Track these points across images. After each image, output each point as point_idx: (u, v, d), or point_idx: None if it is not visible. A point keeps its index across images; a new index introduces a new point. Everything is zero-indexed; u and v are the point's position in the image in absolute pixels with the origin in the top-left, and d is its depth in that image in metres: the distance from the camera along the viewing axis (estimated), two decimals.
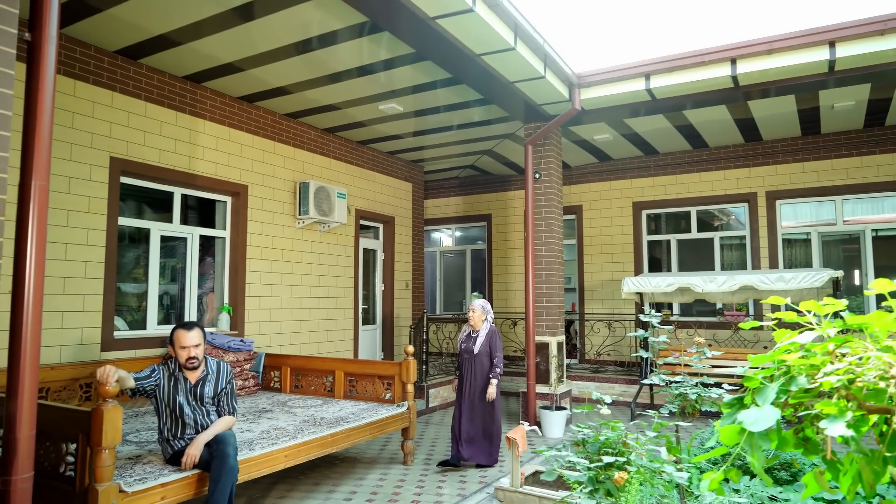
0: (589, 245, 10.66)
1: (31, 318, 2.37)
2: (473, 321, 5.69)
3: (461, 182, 12.08)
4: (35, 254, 2.38)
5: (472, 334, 5.72)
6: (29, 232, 2.38)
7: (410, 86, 6.97)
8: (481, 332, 5.67)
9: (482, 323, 5.72)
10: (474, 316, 5.69)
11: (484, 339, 5.63)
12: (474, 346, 5.65)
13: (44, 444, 3.33)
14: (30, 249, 2.37)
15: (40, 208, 2.41)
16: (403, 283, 10.33)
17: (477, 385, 5.60)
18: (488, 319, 5.76)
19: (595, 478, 2.21)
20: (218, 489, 3.34)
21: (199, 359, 3.64)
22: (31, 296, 2.36)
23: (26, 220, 2.39)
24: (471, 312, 5.72)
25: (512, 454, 4.58)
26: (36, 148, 2.40)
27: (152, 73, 6.32)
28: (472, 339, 5.70)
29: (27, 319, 2.35)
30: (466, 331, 5.79)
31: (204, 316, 7.25)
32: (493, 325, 5.74)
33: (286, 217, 7.90)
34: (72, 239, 5.54)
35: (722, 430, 1.86)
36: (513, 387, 9.69)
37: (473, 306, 5.74)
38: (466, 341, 5.73)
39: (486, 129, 8.75)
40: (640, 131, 8.88)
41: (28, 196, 2.40)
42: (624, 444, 2.52)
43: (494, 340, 5.65)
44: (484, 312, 5.74)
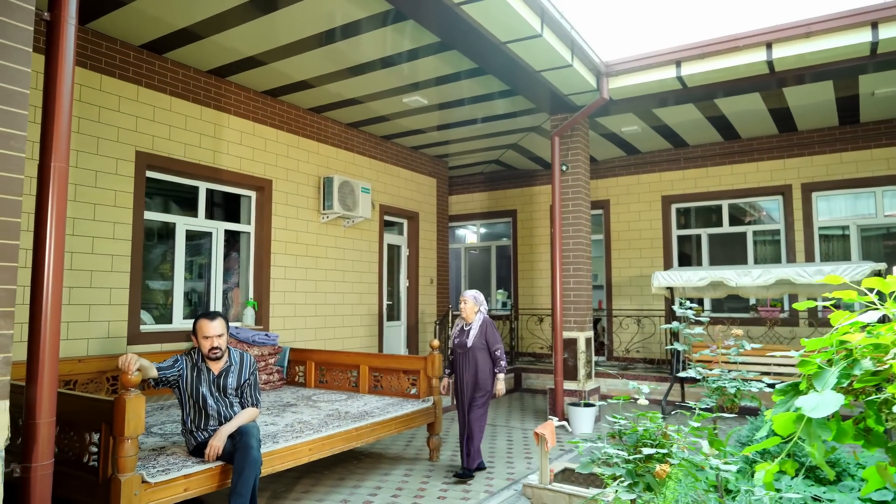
0: (616, 240, 10.45)
1: (51, 300, 2.32)
2: (466, 313, 5.24)
3: (486, 177, 11.95)
4: (55, 234, 2.34)
5: (465, 328, 5.27)
6: (49, 213, 2.34)
7: (434, 77, 6.87)
8: (474, 325, 5.21)
9: (475, 315, 5.26)
10: (466, 308, 5.24)
11: (477, 332, 5.17)
12: (467, 339, 5.18)
13: (67, 433, 3.31)
14: (49, 230, 2.33)
15: (59, 190, 2.36)
16: (428, 279, 10.25)
17: (472, 382, 5.13)
18: (481, 311, 5.31)
19: (634, 471, 2.08)
20: (241, 481, 3.28)
21: (222, 349, 3.59)
22: (51, 278, 2.32)
23: (46, 202, 2.34)
24: (462, 304, 5.27)
25: (541, 450, 4.45)
26: (55, 129, 2.36)
27: (177, 67, 6.32)
28: (465, 332, 5.24)
29: (47, 301, 2.30)
30: (459, 325, 5.34)
31: (229, 311, 7.25)
32: (486, 316, 5.29)
33: (310, 212, 7.87)
34: (98, 233, 5.56)
35: (776, 419, 1.72)
36: (539, 384, 9.54)
37: (465, 297, 5.29)
38: (459, 336, 5.27)
39: (510, 122, 8.61)
40: (670, 123, 8.66)
41: (47, 178, 2.35)
42: (664, 435, 2.37)
43: (489, 331, 5.20)
44: (476, 303, 5.28)
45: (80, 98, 5.49)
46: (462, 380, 5.18)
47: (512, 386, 9.62)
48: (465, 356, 5.17)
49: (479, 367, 5.13)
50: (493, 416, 7.72)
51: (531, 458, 5.70)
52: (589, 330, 7.42)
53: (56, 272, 2.33)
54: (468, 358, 5.16)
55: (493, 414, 7.84)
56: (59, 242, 2.36)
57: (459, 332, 5.29)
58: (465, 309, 5.23)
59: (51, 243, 2.32)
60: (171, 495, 3.20)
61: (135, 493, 2.98)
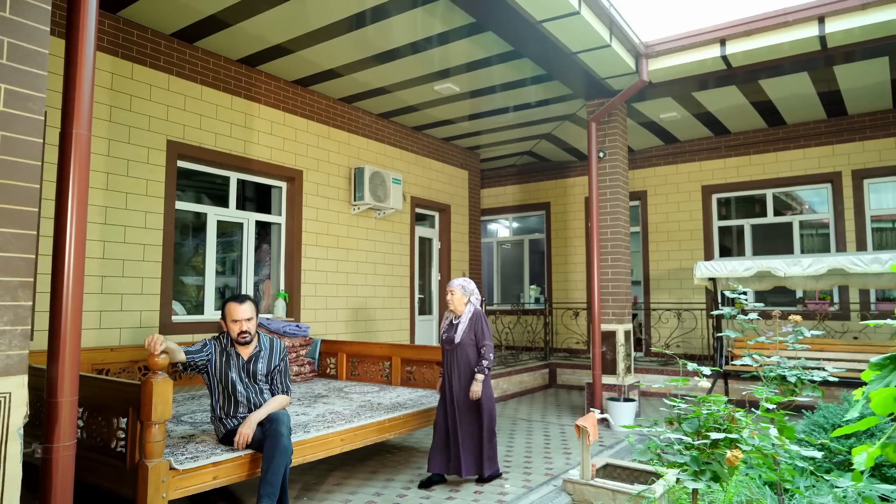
0: (654, 232, 10.12)
1: (73, 273, 2.21)
2: (454, 305, 4.61)
3: (518, 170, 11.73)
4: (76, 205, 2.23)
5: (454, 321, 4.65)
6: (70, 183, 2.23)
7: (466, 62, 6.69)
8: (463, 317, 4.60)
9: (465, 306, 4.65)
10: (454, 299, 4.60)
11: (467, 325, 4.55)
12: (455, 334, 4.55)
13: (95, 418, 3.24)
14: (70, 200, 2.22)
15: (81, 159, 2.25)
16: (460, 272, 10.07)
17: (464, 382, 4.53)
18: (472, 301, 4.67)
19: (699, 458, 1.87)
20: (271, 470, 3.16)
21: (251, 333, 3.47)
22: (73, 251, 2.21)
23: (67, 171, 2.24)
24: (449, 295, 4.63)
25: (582, 443, 4.23)
26: (76, 93, 2.25)
27: (208, 56, 6.28)
28: (453, 326, 4.63)
29: (69, 274, 2.20)
30: (448, 318, 4.72)
31: (260, 302, 7.19)
32: (477, 308, 4.69)
33: (341, 203, 7.77)
34: (130, 222, 5.53)
35: (875, 395, 1.49)
36: (574, 380, 9.29)
37: (451, 287, 4.64)
38: (448, 330, 4.65)
39: (544, 110, 8.38)
40: (712, 109, 8.32)
41: (68, 146, 2.25)
42: (731, 418, 2.15)
43: (479, 325, 4.58)
44: (465, 293, 4.64)
45: (112, 87, 5.47)
46: (451, 380, 4.57)
47: (546, 382, 9.39)
48: (454, 353, 4.58)
49: (472, 368, 4.55)
50: (528, 411, 7.51)
51: (570, 453, 5.49)
52: (628, 322, 7.16)
53: (78, 244, 2.23)
54: (457, 355, 4.56)
55: (529, 409, 7.63)
56: (80, 213, 2.25)
57: (448, 327, 4.68)
58: (452, 300, 4.62)
59: (72, 214, 2.22)
60: (200, 483, 3.10)
61: (162, 480, 2.88)
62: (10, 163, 1.95)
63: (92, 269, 5.22)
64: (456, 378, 4.55)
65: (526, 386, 8.80)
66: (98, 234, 5.28)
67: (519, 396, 8.56)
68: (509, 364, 8.72)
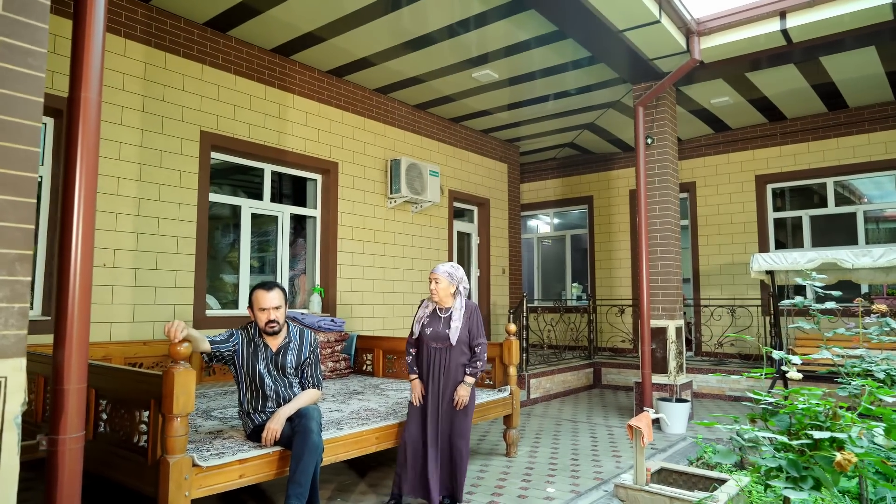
0: (704, 226, 9.62)
1: (81, 249, 2.03)
2: (438, 296, 3.83)
3: (559, 163, 11.35)
4: (85, 177, 2.05)
5: (439, 313, 3.89)
6: (78, 152, 2.05)
7: (504, 46, 6.40)
8: (455, 311, 3.84)
9: (452, 298, 3.87)
10: (438, 288, 3.80)
11: (462, 322, 3.84)
12: (448, 329, 3.81)
13: (118, 411, 3.08)
14: (79, 171, 2.04)
15: (89, 126, 2.07)
16: (500, 268, 9.77)
17: (451, 387, 3.82)
18: (461, 292, 3.90)
19: (797, 461, 1.55)
20: (300, 468, 2.94)
21: (279, 323, 3.26)
22: (81, 224, 2.03)
23: (74, 139, 2.06)
24: (433, 284, 3.83)
25: (636, 446, 3.90)
26: (84, 54, 2.07)
27: (241, 45, 6.15)
28: (439, 320, 3.86)
29: (76, 250, 2.01)
30: (429, 308, 3.94)
31: (296, 298, 7.05)
32: (471, 301, 4.01)
33: (377, 196, 7.57)
34: (164, 214, 5.44)
35: None
36: (620, 380, 8.88)
37: (435, 275, 3.82)
38: (433, 323, 3.87)
39: (587, 97, 8.02)
40: (768, 93, 7.82)
41: (76, 112, 2.06)
42: (834, 415, 1.81)
43: (475, 321, 3.91)
44: (452, 281, 3.83)
45: (145, 76, 5.39)
46: (435, 384, 3.82)
47: (591, 381, 9.01)
48: (443, 354, 3.83)
49: (462, 370, 3.88)
50: (572, 412, 7.16)
51: (619, 456, 5.14)
52: (679, 318, 6.74)
53: (87, 218, 2.04)
54: (446, 356, 3.82)
55: (573, 410, 7.28)
56: (89, 185, 2.07)
57: (432, 319, 3.89)
58: (437, 290, 3.82)
59: (80, 186, 2.03)
60: (225, 481, 2.90)
61: (185, 477, 2.69)
62: (7, 123, 1.77)
63: (125, 261, 5.14)
64: (441, 382, 3.81)
65: (569, 386, 8.44)
66: (131, 226, 5.19)
67: (562, 396, 8.22)
68: (552, 363, 8.38)
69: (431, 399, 3.81)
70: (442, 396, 3.81)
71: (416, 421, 3.84)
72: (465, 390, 3.80)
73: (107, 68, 5.12)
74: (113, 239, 5.07)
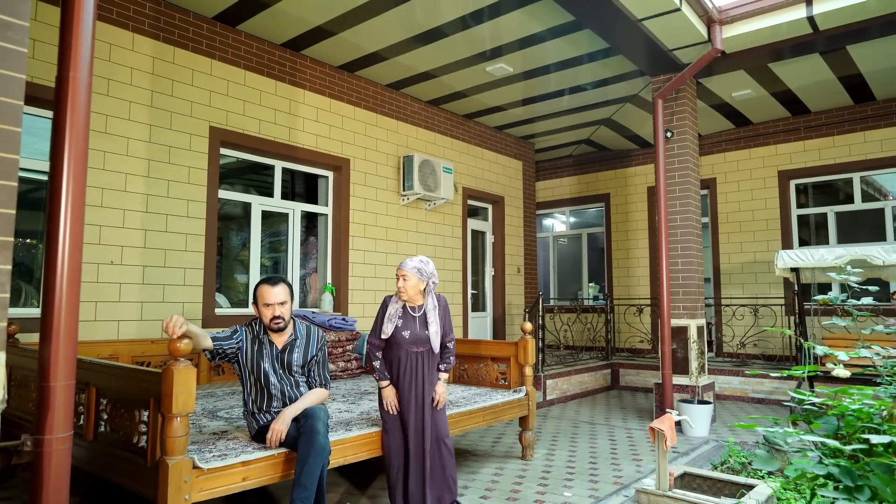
0: (725, 223, 9.38)
1: (69, 237, 1.90)
2: (407, 294, 3.47)
3: (575, 160, 11.15)
4: (73, 162, 1.92)
5: (411, 312, 3.54)
6: (66, 136, 1.93)
7: (519, 38, 6.24)
8: (429, 311, 3.53)
9: (422, 295, 3.54)
10: (407, 286, 3.46)
11: (437, 323, 3.55)
12: (427, 331, 3.50)
13: (118, 411, 2.97)
14: (67, 156, 1.92)
15: (78, 108, 1.94)
16: (515, 268, 9.60)
17: (429, 390, 3.52)
18: (430, 288, 3.55)
19: (852, 469, 1.39)
20: (305, 471, 2.80)
21: (285, 319, 3.13)
22: (70, 210, 1.90)
23: (62, 122, 1.94)
24: (401, 281, 3.48)
25: (658, 449, 3.72)
26: (73, 29, 1.94)
27: (251, 40, 6.06)
28: (413, 320, 3.52)
29: (64, 238, 1.89)
30: (397, 306, 3.54)
31: (307, 297, 6.94)
32: (442, 297, 3.69)
33: (390, 194, 7.44)
34: (172, 210, 5.35)
35: None
36: (638, 381, 8.67)
37: (404, 270, 3.47)
38: (408, 325, 3.51)
39: (603, 91, 7.83)
40: (792, 86, 7.57)
41: (64, 93, 1.94)
42: (890, 416, 1.63)
43: (447, 319, 3.64)
44: (422, 277, 3.48)
45: (153, 71, 5.30)
46: (418, 390, 3.50)
47: (608, 383, 8.80)
48: (424, 358, 3.53)
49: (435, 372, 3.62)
50: (590, 413, 6.97)
51: (640, 460, 4.95)
52: (701, 317, 6.53)
53: (75, 204, 1.92)
54: (424, 359, 3.53)
55: (591, 412, 7.09)
56: (78, 172, 1.95)
57: (404, 320, 3.52)
58: (405, 288, 3.47)
59: (69, 172, 1.91)
60: (227, 484, 2.77)
61: (184, 480, 2.57)
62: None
63: (133, 258, 5.06)
64: (424, 388, 3.50)
65: (586, 387, 8.24)
66: (139, 223, 5.11)
67: (579, 398, 8.02)
68: (568, 364, 8.19)
69: (415, 407, 3.47)
70: (424, 402, 3.49)
71: (398, 433, 3.49)
72: (443, 387, 3.58)
73: (114, 63, 5.05)
74: (120, 236, 4.99)
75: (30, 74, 4.49)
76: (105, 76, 4.98)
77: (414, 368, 3.51)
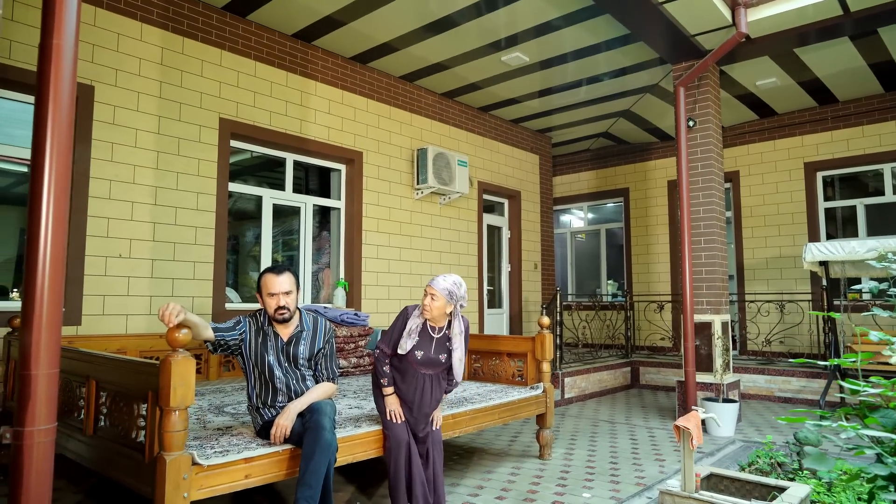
0: (748, 217, 9.10)
1: (52, 216, 1.78)
2: (432, 314, 3.23)
3: (593, 154, 10.93)
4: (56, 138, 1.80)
5: (430, 332, 3.29)
6: (48, 109, 1.80)
7: (534, 26, 6.06)
8: (455, 337, 3.31)
9: (447, 317, 3.32)
10: (433, 306, 3.21)
11: (462, 348, 3.35)
12: (444, 354, 3.31)
13: (118, 404, 2.85)
14: (50, 132, 1.79)
15: (59, 78, 1.81)
16: (532, 264, 9.41)
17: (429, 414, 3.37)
18: (457, 312, 3.33)
19: None
20: (310, 469, 2.66)
21: (290, 309, 2.99)
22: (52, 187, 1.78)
23: (45, 93, 1.81)
24: (428, 299, 3.22)
25: (684, 448, 3.52)
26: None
27: (261, 30, 5.95)
28: (431, 341, 3.29)
29: (47, 216, 1.77)
30: (417, 322, 3.27)
31: (320, 292, 6.82)
32: (466, 321, 3.45)
33: (403, 188, 7.30)
34: (181, 203, 5.25)
35: None
36: (659, 379, 8.44)
37: (434, 289, 3.21)
38: (423, 345, 3.27)
39: (622, 81, 7.62)
40: (820, 74, 7.30)
41: (48, 63, 1.82)
42: None
43: (467, 341, 3.45)
44: (452, 301, 3.24)
45: (162, 62, 5.22)
46: (428, 409, 3.34)
47: (628, 381, 8.58)
48: (433, 381, 3.34)
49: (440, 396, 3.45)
50: (609, 412, 6.77)
51: (662, 460, 4.75)
52: (725, 312, 6.30)
53: (59, 181, 1.80)
54: (437, 384, 3.37)
55: (610, 410, 6.89)
56: (62, 148, 1.82)
57: (421, 339, 3.27)
58: (431, 308, 3.22)
59: (52, 149, 1.79)
60: (229, 482, 2.64)
61: (183, 477, 2.44)
62: None
63: (142, 251, 4.97)
64: (430, 409, 3.35)
65: (605, 385, 8.03)
66: (148, 216, 5.02)
67: (598, 396, 7.82)
68: (587, 361, 7.99)
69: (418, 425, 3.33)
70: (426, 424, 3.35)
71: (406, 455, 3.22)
72: (440, 411, 3.47)
73: (122, 53, 4.97)
74: (129, 228, 4.91)
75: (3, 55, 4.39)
76: (113, 66, 4.90)
77: (421, 390, 3.31)
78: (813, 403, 7.00)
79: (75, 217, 4.61)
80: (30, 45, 4.47)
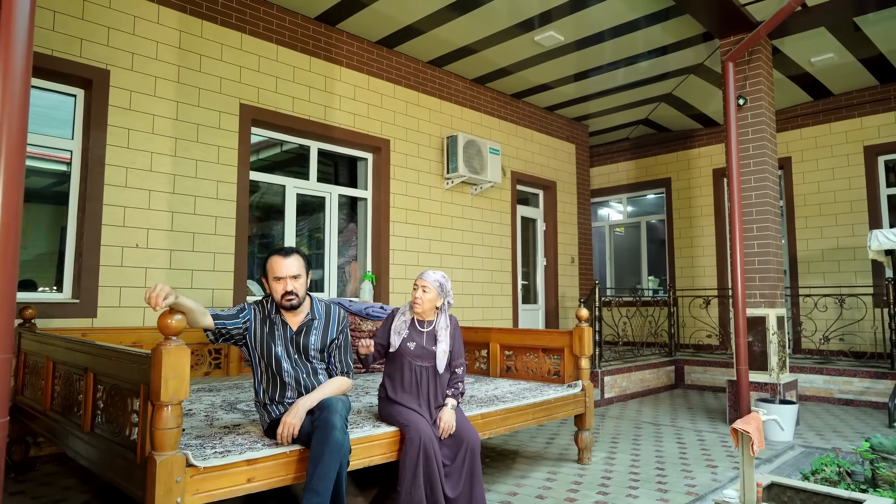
0: (802, 206, 8.51)
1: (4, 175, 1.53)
2: (423, 307, 3.17)
3: (632, 143, 10.44)
4: (7, 88, 1.55)
5: (419, 326, 3.22)
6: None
7: (568, 1, 5.67)
8: (440, 330, 3.22)
9: (436, 311, 3.26)
10: (425, 298, 3.16)
11: (448, 343, 3.22)
12: (434, 349, 3.18)
13: (113, 399, 2.62)
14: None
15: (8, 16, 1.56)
16: (569, 257, 9.01)
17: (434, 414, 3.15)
18: (445, 308, 3.27)
19: None
20: (318, 473, 2.37)
21: (299, 295, 2.71)
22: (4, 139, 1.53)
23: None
24: (419, 291, 3.17)
25: (743, 455, 3.12)
26: None
27: (283, 13, 5.73)
28: (421, 334, 3.20)
29: None
30: (403, 319, 3.23)
31: (346, 286, 6.57)
32: (454, 318, 3.36)
33: (433, 177, 7.00)
34: (201, 192, 5.06)
35: None
36: (706, 379, 7.93)
37: (425, 281, 3.17)
38: (414, 337, 3.19)
39: (664, 61, 7.16)
40: (883, 48, 6.71)
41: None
42: None
43: (458, 341, 3.30)
44: (442, 294, 3.21)
45: (180, 45, 5.03)
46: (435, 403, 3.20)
47: (672, 381, 8.10)
48: (431, 373, 3.18)
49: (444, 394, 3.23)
50: (653, 413, 6.34)
51: (714, 466, 4.32)
52: (781, 306, 5.80)
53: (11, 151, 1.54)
54: (436, 376, 3.20)
55: (654, 411, 6.45)
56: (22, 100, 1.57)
57: (410, 332, 3.19)
58: (422, 301, 3.16)
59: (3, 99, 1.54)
60: (229, 486, 2.37)
61: (176, 480, 2.18)
62: None
63: (159, 242, 4.78)
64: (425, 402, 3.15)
65: (648, 385, 7.58)
66: (165, 205, 4.84)
67: (640, 397, 7.38)
68: (628, 360, 7.55)
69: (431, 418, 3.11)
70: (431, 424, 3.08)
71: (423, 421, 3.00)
72: (450, 415, 3.09)
73: (139, 36, 4.79)
74: (146, 218, 4.72)
75: None
76: (129, 50, 4.73)
77: (418, 383, 3.15)
78: (878, 406, 6.43)
79: (90, 205, 4.45)
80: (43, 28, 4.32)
